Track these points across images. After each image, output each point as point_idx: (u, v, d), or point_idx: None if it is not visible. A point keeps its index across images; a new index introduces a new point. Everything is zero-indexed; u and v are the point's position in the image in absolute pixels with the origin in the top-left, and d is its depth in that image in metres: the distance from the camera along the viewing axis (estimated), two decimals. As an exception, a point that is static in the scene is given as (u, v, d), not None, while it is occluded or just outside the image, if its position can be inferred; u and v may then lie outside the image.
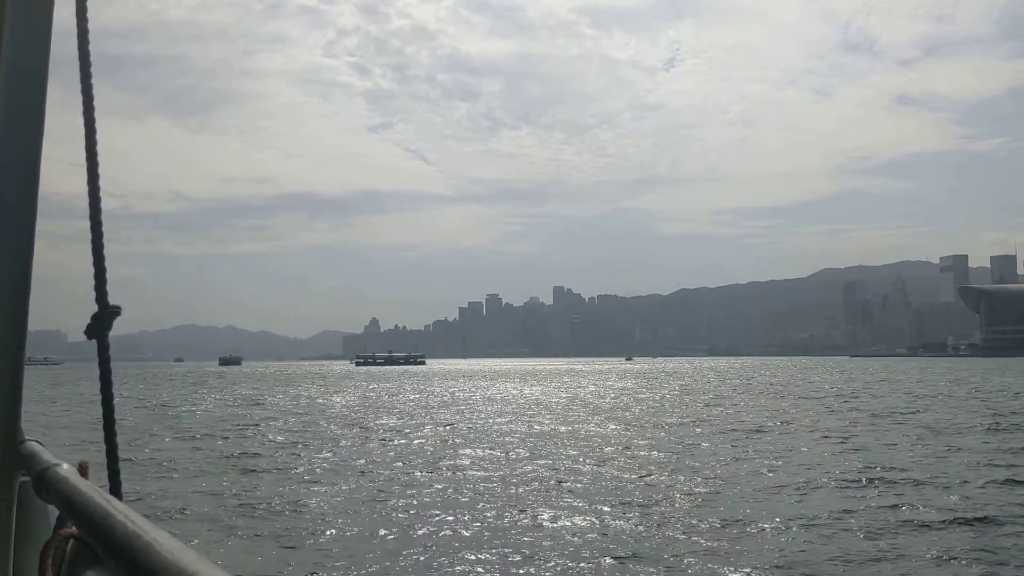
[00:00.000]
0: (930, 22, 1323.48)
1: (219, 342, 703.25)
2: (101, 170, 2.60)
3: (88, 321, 2.60)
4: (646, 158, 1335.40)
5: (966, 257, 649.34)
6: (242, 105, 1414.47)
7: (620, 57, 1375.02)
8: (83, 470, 2.29)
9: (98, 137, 2.60)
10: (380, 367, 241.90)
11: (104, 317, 2.59)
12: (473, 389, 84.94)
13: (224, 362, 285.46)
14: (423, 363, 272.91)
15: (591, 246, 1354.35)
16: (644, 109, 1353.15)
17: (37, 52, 2.54)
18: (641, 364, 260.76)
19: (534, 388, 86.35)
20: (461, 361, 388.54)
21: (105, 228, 2.58)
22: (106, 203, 2.47)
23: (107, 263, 2.62)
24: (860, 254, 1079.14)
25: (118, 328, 2.63)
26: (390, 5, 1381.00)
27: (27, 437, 2.64)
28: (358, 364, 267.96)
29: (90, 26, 2.55)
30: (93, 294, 2.58)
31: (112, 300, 2.63)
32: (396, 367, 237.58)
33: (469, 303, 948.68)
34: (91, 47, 2.59)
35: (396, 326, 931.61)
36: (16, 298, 2.61)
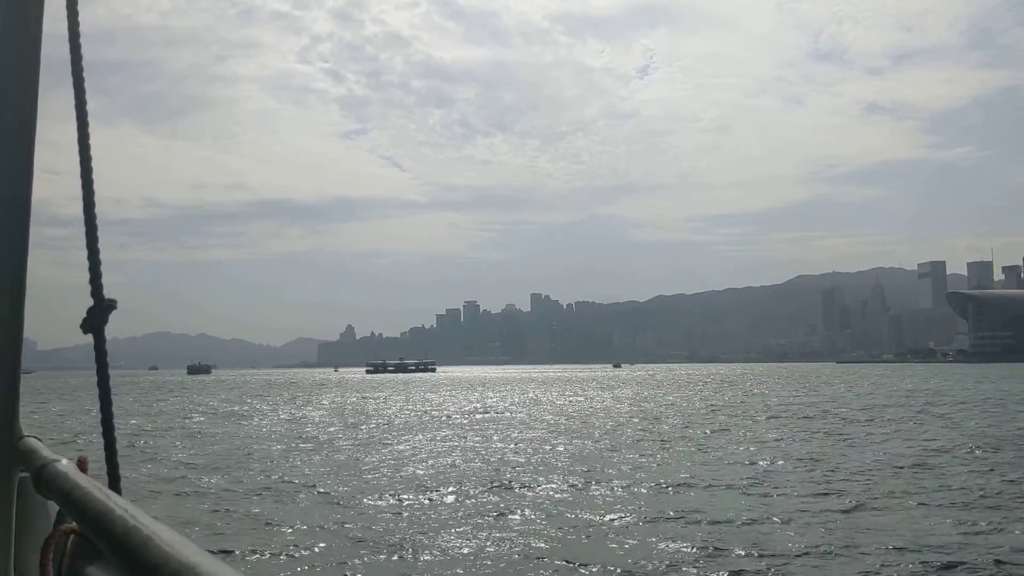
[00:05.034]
0: (899, 31, 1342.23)
1: (192, 350, 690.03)
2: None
3: (84, 315, 2.55)
4: (620, 165, 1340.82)
5: (943, 263, 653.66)
6: (215, 111, 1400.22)
7: (594, 65, 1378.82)
8: (82, 465, 2.27)
9: (95, 142, 2.59)
10: (393, 375, 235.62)
11: (100, 311, 2.56)
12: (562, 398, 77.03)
13: (193, 370, 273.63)
14: (433, 370, 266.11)
15: (567, 253, 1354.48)
16: (618, 116, 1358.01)
17: (28, 55, 2.54)
18: (639, 371, 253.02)
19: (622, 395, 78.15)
20: (459, 368, 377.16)
21: (103, 234, 2.53)
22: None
23: (101, 256, 2.58)
24: (834, 261, 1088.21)
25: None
26: (364, 11, 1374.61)
27: (25, 433, 2.63)
28: (369, 372, 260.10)
29: (76, 29, 2.56)
30: (88, 288, 2.54)
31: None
32: (409, 375, 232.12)
33: (447, 310, 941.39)
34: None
35: (372, 333, 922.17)
36: (13, 296, 2.61)
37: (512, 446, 33.93)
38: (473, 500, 20.99)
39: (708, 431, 39.51)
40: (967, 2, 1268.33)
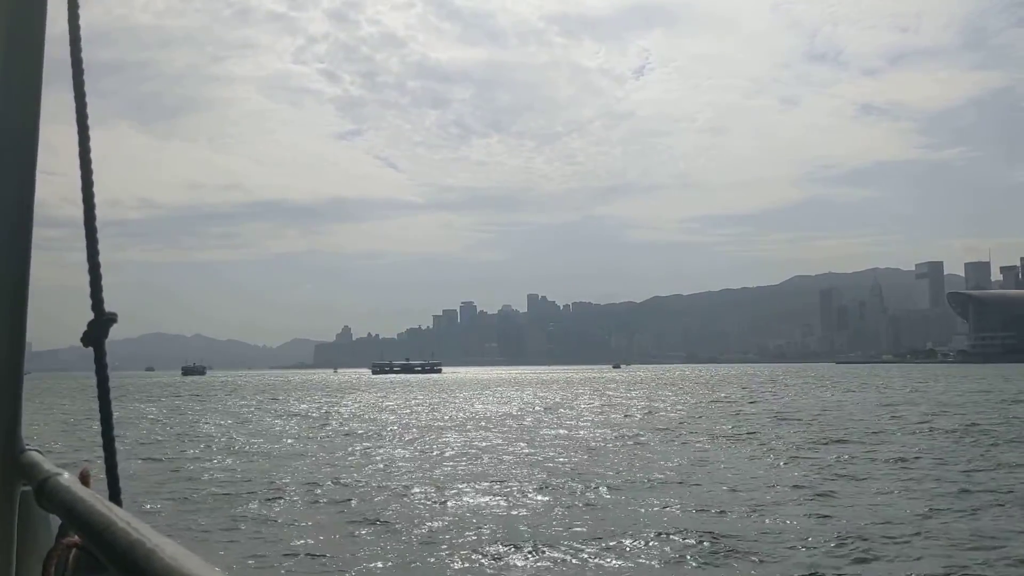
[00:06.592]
0: (895, 32, 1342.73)
1: (187, 351, 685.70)
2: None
3: (84, 328, 2.54)
4: (616, 166, 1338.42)
5: (941, 264, 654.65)
6: (210, 111, 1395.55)
7: (590, 65, 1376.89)
8: (84, 479, 2.26)
9: (92, 144, 2.55)
10: (400, 375, 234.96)
11: (101, 324, 2.54)
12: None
13: (187, 371, 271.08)
14: (439, 371, 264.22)
15: (563, 254, 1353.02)
16: (614, 117, 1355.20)
17: (31, 58, 2.52)
18: (641, 372, 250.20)
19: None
20: (460, 369, 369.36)
21: (100, 235, 2.54)
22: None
23: (102, 270, 2.56)
24: (830, 262, 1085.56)
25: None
26: (360, 12, 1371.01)
27: (27, 447, 2.61)
28: (375, 372, 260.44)
29: (77, 33, 2.53)
30: (89, 301, 2.52)
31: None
32: (418, 375, 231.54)
33: (443, 311, 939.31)
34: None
35: (369, 334, 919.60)
36: (15, 307, 2.58)
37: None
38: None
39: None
40: (961, 3, 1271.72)
